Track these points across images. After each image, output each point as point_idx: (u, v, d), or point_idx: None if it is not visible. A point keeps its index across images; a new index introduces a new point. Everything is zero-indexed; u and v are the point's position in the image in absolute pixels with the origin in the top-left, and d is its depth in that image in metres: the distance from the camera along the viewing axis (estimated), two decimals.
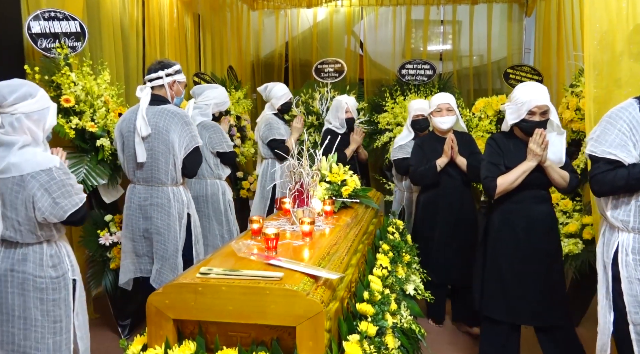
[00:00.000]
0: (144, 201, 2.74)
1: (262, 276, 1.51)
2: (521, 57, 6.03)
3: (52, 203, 1.89)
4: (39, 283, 1.95)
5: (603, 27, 2.51)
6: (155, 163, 2.69)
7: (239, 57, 6.11)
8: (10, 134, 1.87)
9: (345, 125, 4.04)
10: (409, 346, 1.82)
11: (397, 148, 3.74)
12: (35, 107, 1.91)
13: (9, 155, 1.86)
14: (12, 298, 1.93)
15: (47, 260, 1.97)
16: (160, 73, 2.71)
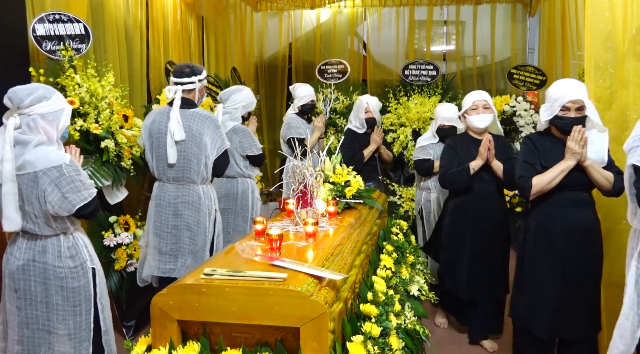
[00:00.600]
0: (175, 199, 2.86)
1: (266, 277, 1.51)
2: (525, 57, 6.01)
3: (61, 198, 1.99)
4: (58, 272, 2.08)
5: (607, 27, 2.51)
6: (187, 164, 2.83)
7: (242, 59, 6.12)
8: (27, 134, 1.99)
9: (366, 125, 3.96)
10: (413, 347, 1.82)
11: (418, 149, 3.65)
12: (50, 108, 2.03)
13: (25, 153, 1.98)
14: (34, 285, 2.07)
15: (64, 251, 2.09)
16: (193, 79, 2.86)
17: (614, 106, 2.56)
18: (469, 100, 3.07)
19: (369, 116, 3.96)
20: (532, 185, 2.36)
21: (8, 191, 1.96)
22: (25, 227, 2.04)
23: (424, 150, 3.60)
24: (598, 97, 2.55)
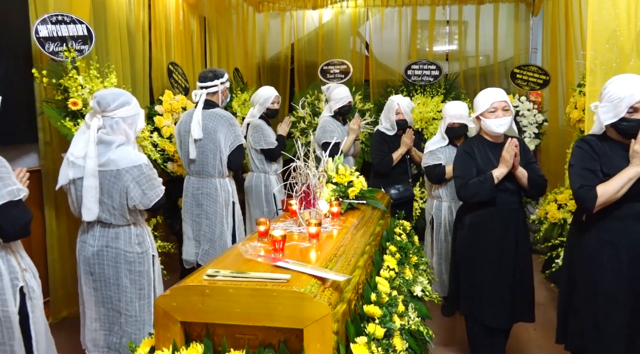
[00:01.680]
0: (197, 190, 3.24)
1: (269, 278, 1.50)
2: (528, 57, 6.00)
3: (141, 194, 2.25)
4: (128, 257, 2.32)
5: (611, 26, 2.49)
6: (205, 159, 3.19)
7: (244, 59, 6.12)
8: (110, 134, 2.24)
9: (396, 127, 3.78)
10: (417, 348, 1.81)
11: (427, 154, 3.40)
12: (131, 112, 2.29)
13: (108, 152, 2.22)
14: (107, 268, 2.32)
15: (134, 239, 2.34)
16: (216, 82, 3.23)
17: None
18: (486, 101, 2.65)
19: (400, 117, 3.78)
20: (597, 195, 2.05)
21: (90, 185, 2.19)
22: (101, 217, 2.26)
23: (433, 155, 3.36)
24: None
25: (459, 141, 3.29)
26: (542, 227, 3.96)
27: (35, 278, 2.01)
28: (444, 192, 3.41)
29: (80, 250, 2.34)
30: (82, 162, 2.21)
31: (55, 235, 3.37)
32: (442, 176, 3.31)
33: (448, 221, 3.38)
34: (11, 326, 1.87)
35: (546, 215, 3.95)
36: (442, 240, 3.43)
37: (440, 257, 3.45)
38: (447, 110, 3.34)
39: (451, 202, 3.39)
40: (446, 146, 3.36)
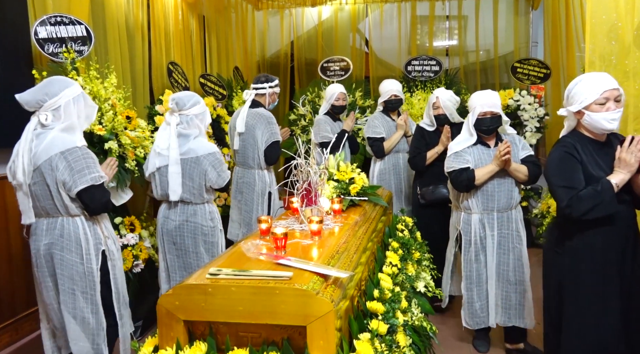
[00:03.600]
0: (240, 179, 3.61)
1: (271, 276, 1.51)
2: (528, 51, 5.98)
3: (217, 175, 2.75)
4: (204, 230, 2.79)
5: (611, 18, 2.48)
6: (246, 151, 3.55)
7: (244, 58, 6.12)
8: (187, 129, 2.73)
9: (435, 123, 3.52)
10: (421, 343, 1.81)
11: (452, 157, 2.86)
12: (201, 110, 2.77)
13: (188, 143, 2.71)
14: (187, 239, 2.79)
15: (207, 215, 2.80)
16: (265, 85, 3.57)
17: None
18: (593, 90, 2.10)
19: (438, 112, 3.47)
20: None
21: (174, 171, 2.67)
22: (183, 197, 2.73)
23: (459, 158, 2.82)
24: None
25: (490, 139, 2.86)
26: (545, 221, 3.95)
27: (115, 244, 2.43)
28: (474, 202, 2.85)
29: (163, 224, 2.81)
30: (166, 152, 2.69)
31: None
32: (471, 182, 2.77)
33: (480, 237, 2.86)
34: (93, 280, 2.28)
35: (548, 209, 3.95)
36: (472, 260, 2.89)
37: (470, 281, 2.90)
38: (476, 99, 2.84)
39: (482, 214, 2.86)
40: (474, 145, 2.84)
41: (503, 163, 2.71)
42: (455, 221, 3.02)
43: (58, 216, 2.22)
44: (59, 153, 2.14)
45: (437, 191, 3.47)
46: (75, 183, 2.14)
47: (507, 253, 2.85)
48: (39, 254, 2.24)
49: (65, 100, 2.21)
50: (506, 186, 2.82)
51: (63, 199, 2.17)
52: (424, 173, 3.57)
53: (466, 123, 2.88)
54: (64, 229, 2.22)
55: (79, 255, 2.24)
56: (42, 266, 2.25)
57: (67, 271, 2.22)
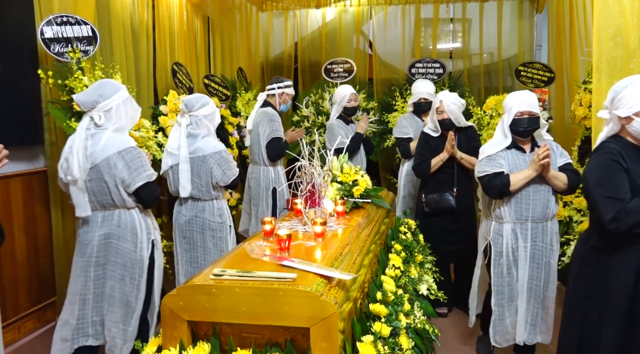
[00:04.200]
0: (250, 174, 3.82)
1: (275, 277, 1.51)
2: (532, 54, 5.97)
3: (222, 173, 2.86)
4: (212, 225, 2.92)
5: (616, 22, 2.48)
6: (253, 148, 3.76)
7: (248, 59, 6.12)
8: (196, 129, 2.86)
9: (440, 129, 3.33)
10: (423, 346, 1.81)
11: (484, 161, 2.60)
12: (210, 111, 2.90)
13: (196, 142, 2.84)
14: (196, 234, 2.93)
15: (216, 211, 2.93)
16: (274, 86, 3.77)
17: None
18: None
19: (442, 117, 3.28)
20: None
21: (184, 169, 2.81)
22: (192, 193, 2.87)
23: (492, 162, 2.58)
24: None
25: (525, 143, 2.63)
26: None
27: (159, 235, 2.62)
28: (506, 211, 2.60)
29: (176, 218, 2.98)
30: (177, 151, 2.83)
31: (61, 236, 3.38)
32: (505, 188, 2.52)
33: (512, 249, 2.61)
34: (142, 267, 2.45)
35: None
36: (503, 274, 2.63)
37: (501, 296, 2.64)
38: (513, 99, 2.60)
39: (515, 224, 2.60)
40: (508, 149, 2.61)
41: (541, 169, 2.47)
42: (484, 231, 2.75)
43: (114, 209, 2.40)
44: (116, 152, 2.31)
45: (442, 199, 3.35)
46: (133, 180, 2.34)
47: (540, 268, 2.60)
48: (92, 244, 2.38)
49: (116, 103, 2.37)
50: (542, 194, 2.56)
51: (121, 194, 2.35)
52: (429, 181, 3.46)
53: (500, 125, 2.63)
54: (120, 220, 2.40)
55: (134, 244, 2.42)
56: (91, 255, 2.38)
57: (120, 259, 2.39)
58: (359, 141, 4.06)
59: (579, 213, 3.56)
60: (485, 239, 2.73)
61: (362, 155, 4.17)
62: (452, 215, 3.37)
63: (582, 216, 3.46)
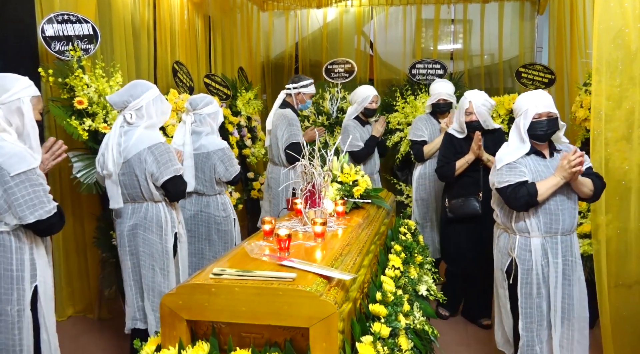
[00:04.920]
0: (269, 174, 3.88)
1: (275, 277, 1.51)
2: (533, 56, 5.97)
3: (225, 170, 2.98)
4: (217, 219, 3.04)
5: (617, 24, 2.48)
6: (272, 149, 3.78)
7: (249, 58, 6.12)
8: (199, 127, 2.99)
9: (466, 130, 3.16)
10: (422, 347, 1.81)
11: (504, 169, 2.35)
12: (213, 110, 3.04)
13: (200, 139, 2.98)
14: (201, 228, 3.05)
15: (220, 206, 3.05)
16: (290, 86, 3.76)
17: (624, 104, 2.53)
18: None
19: (471, 119, 3.09)
20: None
21: (188, 165, 2.91)
22: (196, 188, 3.00)
23: (513, 170, 2.33)
24: (608, 96, 2.53)
25: (544, 147, 2.40)
26: None
27: (183, 228, 2.71)
28: (534, 223, 2.34)
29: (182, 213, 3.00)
30: (181, 148, 2.93)
31: (60, 235, 3.38)
32: (533, 198, 2.26)
33: (542, 265, 2.35)
34: (169, 258, 2.56)
35: None
36: (532, 295, 2.36)
37: (530, 320, 2.37)
38: (527, 100, 2.37)
39: (545, 237, 2.35)
40: (528, 156, 2.37)
41: (571, 176, 2.26)
42: (506, 247, 2.46)
43: (143, 201, 2.52)
44: (146, 148, 2.44)
45: (467, 204, 3.14)
46: (161, 174, 2.45)
47: (572, 285, 2.37)
48: (123, 234, 2.54)
49: (146, 101, 2.49)
50: (570, 203, 2.37)
51: (150, 187, 2.48)
52: (453, 185, 3.26)
53: (515, 129, 2.40)
54: (147, 212, 2.52)
55: (159, 235, 2.53)
56: (124, 245, 2.54)
57: (148, 249, 2.52)
58: (373, 145, 4.00)
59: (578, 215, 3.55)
60: (507, 255, 2.44)
61: (375, 157, 4.11)
62: (478, 221, 3.16)
63: (582, 218, 3.46)
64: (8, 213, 1.87)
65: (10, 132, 1.92)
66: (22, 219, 1.87)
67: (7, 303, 1.88)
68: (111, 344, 3.16)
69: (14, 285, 1.90)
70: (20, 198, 1.85)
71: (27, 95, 2.00)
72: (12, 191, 1.84)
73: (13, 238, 1.91)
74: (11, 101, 1.95)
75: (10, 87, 1.97)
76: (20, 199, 1.85)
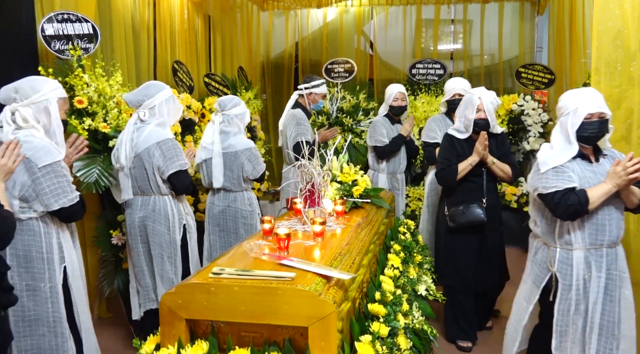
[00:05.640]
0: (284, 174, 3.85)
1: (274, 276, 1.51)
2: (533, 56, 5.98)
3: (252, 168, 3.14)
4: (244, 213, 3.19)
5: (617, 25, 2.48)
6: (283, 149, 3.84)
7: (249, 58, 6.13)
8: (228, 127, 3.14)
9: (471, 129, 2.90)
10: (421, 346, 1.82)
11: (549, 173, 2.13)
12: (240, 111, 3.19)
13: (229, 139, 3.12)
14: (229, 222, 3.19)
15: (246, 201, 3.20)
16: (301, 86, 3.81)
17: (623, 105, 2.54)
18: None
19: (480, 116, 2.87)
20: None
21: (217, 163, 3.08)
22: (225, 185, 3.14)
23: (561, 174, 2.11)
24: (607, 96, 2.53)
25: (589, 151, 2.19)
26: None
27: (192, 220, 2.86)
28: (578, 235, 2.14)
29: (209, 209, 3.24)
30: (210, 146, 3.09)
31: None
32: (583, 207, 2.05)
33: (584, 280, 2.14)
34: (176, 248, 2.72)
35: None
36: (570, 311, 2.15)
37: (564, 338, 2.17)
38: (577, 98, 2.16)
39: (589, 250, 2.14)
40: (573, 159, 2.14)
41: (625, 183, 2.04)
42: (545, 261, 2.24)
43: (151, 194, 2.70)
44: (155, 143, 2.61)
45: (469, 211, 2.89)
46: (167, 167, 2.62)
47: (614, 301, 2.14)
48: (134, 225, 2.72)
49: (159, 101, 2.67)
50: (617, 213, 2.16)
51: (157, 181, 2.65)
52: (453, 191, 3.00)
53: (561, 129, 2.19)
54: (155, 205, 2.69)
55: (167, 227, 2.70)
56: (136, 235, 2.73)
57: (157, 239, 2.69)
58: (399, 143, 3.89)
59: None
60: (546, 270, 2.22)
61: (401, 157, 3.98)
62: (481, 231, 2.94)
63: None
64: (36, 201, 2.07)
65: (38, 129, 2.12)
66: (47, 206, 2.08)
67: (40, 280, 2.11)
68: (110, 343, 3.15)
69: (45, 265, 2.12)
70: (46, 188, 2.06)
71: (54, 96, 2.17)
72: (39, 182, 2.05)
73: (41, 223, 2.12)
74: (40, 101, 2.13)
75: (40, 89, 2.15)
76: (46, 188, 2.06)
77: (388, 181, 3.96)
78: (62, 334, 2.15)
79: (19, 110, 2.10)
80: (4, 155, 1.86)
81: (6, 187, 1.96)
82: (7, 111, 2.11)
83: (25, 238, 2.09)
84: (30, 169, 2.04)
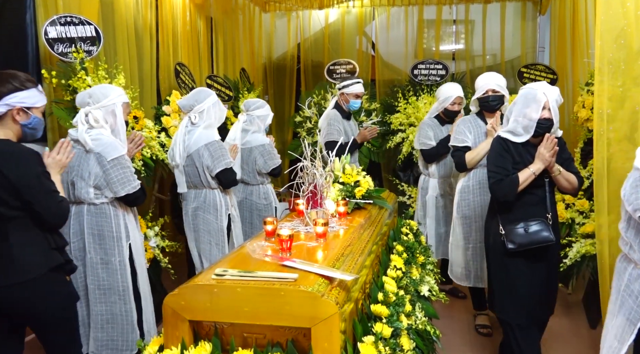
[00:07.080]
0: None
1: (277, 277, 1.51)
2: (535, 56, 5.96)
3: (264, 162, 3.47)
4: (259, 206, 3.55)
5: (620, 24, 2.47)
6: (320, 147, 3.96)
7: (251, 59, 6.13)
8: (249, 126, 3.55)
9: (533, 131, 2.41)
10: (424, 347, 1.81)
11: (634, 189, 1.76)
12: (263, 113, 3.59)
13: (247, 136, 3.53)
14: (245, 213, 3.54)
15: (262, 194, 3.56)
16: (337, 87, 4.05)
17: (627, 104, 2.53)
18: None
19: (545, 115, 2.39)
20: None
21: (236, 157, 3.39)
22: (242, 178, 3.49)
23: None
24: (610, 96, 2.52)
25: None
26: None
27: (236, 211, 3.23)
28: None
29: None
30: (232, 142, 3.46)
31: None
32: None
33: None
34: (223, 234, 3.10)
35: None
36: None
37: None
38: None
39: None
40: None
41: None
42: (623, 278, 1.88)
43: (203, 188, 3.08)
44: (204, 145, 2.98)
45: (535, 231, 2.40)
46: (215, 166, 2.98)
47: None
48: (188, 214, 3.13)
49: (207, 105, 3.03)
50: None
51: (207, 177, 3.02)
52: (509, 205, 2.47)
53: None
54: (206, 197, 3.07)
55: (215, 216, 3.07)
56: (189, 223, 3.13)
57: (206, 227, 3.08)
58: (448, 145, 3.43)
59: (581, 215, 3.55)
60: (631, 292, 1.84)
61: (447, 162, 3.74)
62: (547, 253, 2.47)
63: (585, 219, 3.46)
64: (106, 189, 2.44)
65: (106, 128, 2.47)
66: (116, 193, 2.44)
67: (111, 255, 2.49)
68: None
69: (115, 242, 2.49)
70: (114, 177, 2.41)
71: (120, 101, 2.51)
72: (109, 172, 2.41)
73: (111, 207, 2.49)
74: (109, 105, 2.47)
75: (109, 94, 2.48)
76: (115, 178, 2.41)
77: (440, 186, 3.78)
78: (130, 301, 2.53)
79: (92, 112, 2.43)
80: (59, 152, 2.15)
81: (82, 177, 2.40)
82: (82, 113, 2.45)
83: (99, 219, 2.47)
84: (101, 162, 2.40)
